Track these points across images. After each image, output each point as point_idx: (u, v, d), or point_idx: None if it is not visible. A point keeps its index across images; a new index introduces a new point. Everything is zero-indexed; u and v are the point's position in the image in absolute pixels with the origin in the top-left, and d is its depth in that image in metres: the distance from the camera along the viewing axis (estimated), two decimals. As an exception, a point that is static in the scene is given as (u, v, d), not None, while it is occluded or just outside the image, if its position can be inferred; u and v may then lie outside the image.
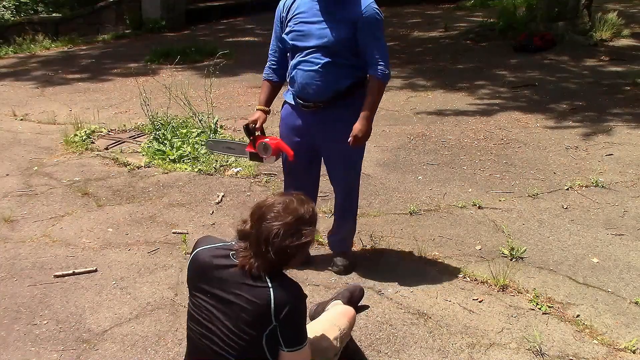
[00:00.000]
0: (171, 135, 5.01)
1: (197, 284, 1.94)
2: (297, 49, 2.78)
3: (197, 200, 4.08)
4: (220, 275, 1.88)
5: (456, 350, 2.55)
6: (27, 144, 5.28)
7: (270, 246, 1.79)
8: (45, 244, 3.52)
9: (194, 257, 1.97)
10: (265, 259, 1.81)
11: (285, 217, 1.81)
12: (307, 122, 2.88)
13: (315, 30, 2.72)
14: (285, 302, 1.82)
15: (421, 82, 7.19)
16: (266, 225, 1.81)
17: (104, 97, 6.93)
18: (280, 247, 1.80)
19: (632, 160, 4.62)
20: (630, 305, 2.86)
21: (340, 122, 2.81)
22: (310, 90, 2.77)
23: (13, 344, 2.63)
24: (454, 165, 4.63)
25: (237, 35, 10.90)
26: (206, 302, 1.90)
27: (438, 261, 3.25)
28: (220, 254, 1.92)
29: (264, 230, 1.81)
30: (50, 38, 10.55)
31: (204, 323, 1.91)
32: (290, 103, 2.92)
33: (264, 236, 1.80)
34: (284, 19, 2.84)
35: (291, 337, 1.87)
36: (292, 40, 2.78)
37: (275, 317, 1.81)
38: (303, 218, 1.84)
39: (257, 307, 1.82)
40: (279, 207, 1.84)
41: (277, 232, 1.79)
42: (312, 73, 2.75)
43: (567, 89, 6.69)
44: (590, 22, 8.97)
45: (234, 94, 6.91)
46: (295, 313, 1.86)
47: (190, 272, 1.98)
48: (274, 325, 1.83)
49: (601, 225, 3.64)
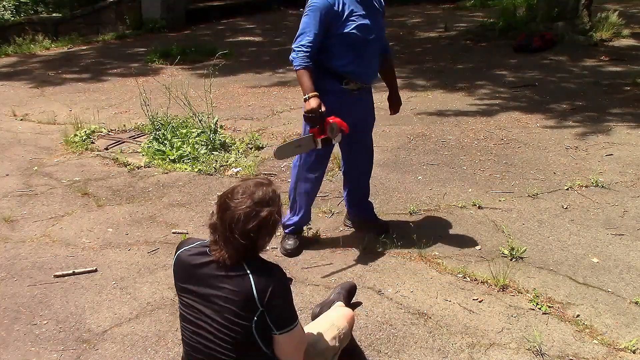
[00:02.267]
0: (171, 135, 5.01)
1: (182, 285, 1.96)
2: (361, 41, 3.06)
3: (197, 200, 4.08)
4: (200, 273, 1.90)
5: (456, 350, 2.55)
6: (27, 144, 5.28)
7: (234, 232, 1.82)
8: (45, 244, 3.52)
9: (175, 261, 2.00)
10: (234, 246, 1.83)
11: (244, 201, 1.84)
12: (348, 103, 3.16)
13: (373, 23, 3.10)
14: (266, 284, 1.83)
15: (421, 82, 7.19)
16: (228, 212, 1.84)
17: (104, 97, 6.93)
18: (243, 232, 1.82)
19: (632, 160, 4.62)
20: (630, 305, 2.86)
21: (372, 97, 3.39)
22: (372, 76, 3.24)
23: (13, 344, 2.64)
24: (454, 165, 4.63)
25: (237, 35, 10.90)
26: (193, 300, 1.92)
27: (438, 261, 3.25)
28: (197, 252, 1.94)
29: (226, 219, 1.84)
30: (50, 38, 10.56)
31: (194, 322, 1.92)
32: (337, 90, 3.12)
33: (227, 224, 1.83)
34: (337, 14, 3.02)
35: (280, 318, 1.88)
36: (358, 33, 3.05)
37: (260, 301, 1.82)
38: (263, 199, 1.86)
39: (241, 296, 1.83)
40: (238, 193, 1.87)
41: (239, 216, 1.82)
42: (374, 60, 3.20)
43: (567, 89, 6.69)
44: (590, 22, 8.97)
45: (234, 94, 6.91)
46: (279, 294, 1.87)
47: (175, 275, 2.00)
48: (261, 310, 1.84)
49: (601, 225, 3.64)
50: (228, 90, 7.06)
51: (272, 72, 7.96)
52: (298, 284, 3.03)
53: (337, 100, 3.09)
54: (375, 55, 3.19)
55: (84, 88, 7.38)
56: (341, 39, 3.04)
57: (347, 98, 3.15)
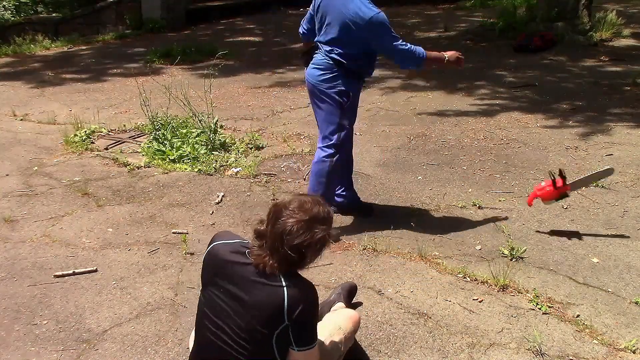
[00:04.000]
0: (171, 135, 5.01)
1: (212, 278, 1.94)
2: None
3: (197, 200, 4.08)
4: (235, 272, 1.89)
5: (456, 350, 2.55)
6: (27, 144, 5.28)
7: (285, 243, 1.81)
8: (45, 244, 3.52)
9: (210, 250, 1.98)
10: (280, 257, 1.83)
11: (299, 215, 1.84)
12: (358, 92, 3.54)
13: None
14: (298, 301, 1.83)
15: (421, 82, 7.19)
16: (281, 223, 1.83)
17: (104, 97, 6.93)
18: (294, 245, 1.81)
19: (632, 160, 4.62)
20: (630, 305, 2.86)
21: None
22: None
23: (13, 344, 2.63)
24: (454, 165, 4.63)
25: (237, 35, 10.89)
26: (218, 297, 1.90)
27: (438, 261, 3.25)
28: (236, 250, 1.93)
29: (278, 228, 1.83)
30: (50, 38, 10.55)
31: (214, 320, 1.91)
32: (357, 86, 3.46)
33: (279, 233, 1.82)
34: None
35: (303, 336, 1.88)
36: None
37: (288, 316, 1.82)
38: (317, 217, 1.86)
39: (271, 306, 1.82)
40: (294, 205, 1.87)
41: (291, 229, 1.81)
42: None
43: (567, 89, 6.69)
44: (590, 22, 8.97)
45: (234, 94, 6.91)
46: (308, 313, 1.87)
47: (206, 266, 1.98)
48: (286, 324, 1.83)
49: (601, 225, 3.64)
50: (228, 90, 7.06)
51: (272, 72, 7.96)
52: (298, 284, 3.03)
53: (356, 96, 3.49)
54: None
55: (84, 88, 7.38)
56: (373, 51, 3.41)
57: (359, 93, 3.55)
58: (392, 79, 7.32)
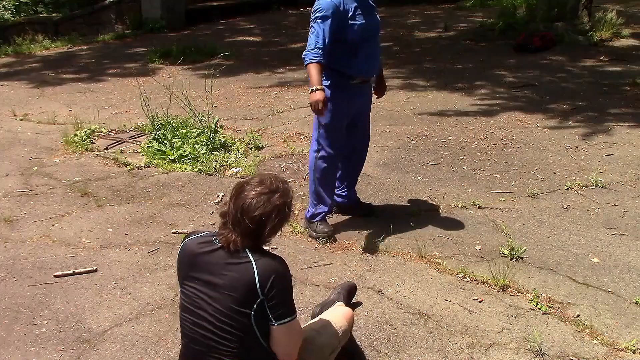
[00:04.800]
0: (171, 135, 5.01)
1: (186, 273, 1.97)
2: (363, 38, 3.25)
3: (197, 200, 4.08)
4: (206, 260, 1.93)
5: (456, 350, 2.55)
6: (27, 144, 5.28)
7: (245, 215, 1.87)
8: (45, 244, 3.52)
9: (181, 249, 2.03)
10: (242, 231, 1.88)
11: (258, 189, 1.91)
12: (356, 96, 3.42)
13: (372, 21, 3.30)
14: (269, 273, 1.86)
15: (421, 82, 7.19)
16: (241, 197, 1.90)
17: (104, 97, 6.93)
18: (254, 217, 1.87)
19: (632, 160, 4.62)
20: (630, 305, 2.86)
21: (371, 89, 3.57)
22: (375, 70, 3.45)
23: (13, 344, 2.63)
24: (454, 165, 4.63)
25: (237, 35, 10.89)
26: (196, 289, 1.93)
27: (438, 261, 3.25)
28: (204, 241, 1.98)
29: (239, 202, 1.90)
30: (50, 38, 10.55)
31: (194, 311, 1.93)
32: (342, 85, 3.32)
33: (239, 207, 1.89)
34: (343, 15, 3.19)
35: (279, 309, 1.89)
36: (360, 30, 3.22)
37: (261, 289, 1.85)
38: (276, 190, 1.92)
39: (243, 283, 1.85)
40: (254, 181, 1.95)
41: (250, 202, 1.88)
42: (377, 56, 3.40)
43: (567, 89, 6.69)
44: (590, 22, 8.97)
45: (234, 94, 6.91)
46: (280, 283, 1.89)
47: (180, 264, 2.02)
48: (261, 299, 1.85)
49: (601, 225, 3.64)
50: (228, 90, 7.06)
51: (272, 72, 7.96)
52: (298, 284, 3.03)
53: (341, 93, 3.33)
54: (377, 50, 3.39)
55: (84, 88, 7.38)
56: (346, 39, 3.22)
57: (351, 91, 3.37)
58: (392, 78, 7.31)
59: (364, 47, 3.28)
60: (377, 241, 3.43)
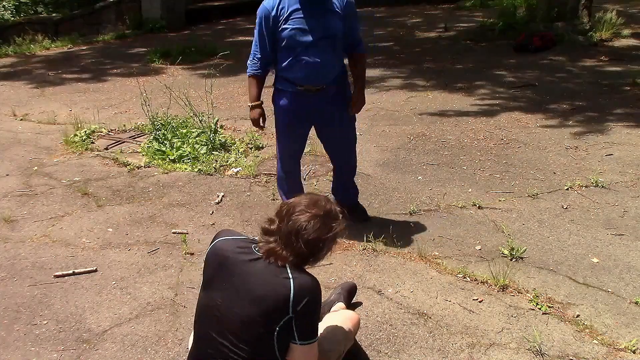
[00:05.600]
0: (171, 135, 5.01)
1: (215, 274, 1.94)
2: (299, 43, 3.05)
3: (197, 200, 4.08)
4: (240, 266, 1.90)
5: (456, 350, 2.55)
6: (27, 144, 5.28)
7: (300, 238, 1.84)
8: (45, 244, 3.52)
9: (214, 247, 1.98)
10: (295, 251, 1.85)
11: (314, 211, 1.88)
12: (310, 104, 3.22)
13: (315, 24, 3.04)
14: (304, 293, 1.84)
15: (421, 82, 7.19)
16: (295, 218, 1.86)
17: (104, 97, 6.93)
18: (310, 239, 1.85)
19: (632, 160, 4.62)
20: (630, 305, 2.86)
21: (341, 98, 3.28)
22: (321, 78, 3.15)
23: (13, 344, 2.64)
24: (454, 165, 4.63)
25: (237, 36, 10.89)
26: (220, 293, 1.90)
27: (438, 261, 3.25)
28: (242, 246, 1.94)
29: (293, 224, 1.86)
30: (50, 38, 10.55)
31: (214, 315, 1.91)
32: (291, 91, 3.20)
33: (295, 229, 1.85)
34: (276, 20, 3.06)
35: (305, 329, 1.88)
36: (294, 36, 3.05)
37: (293, 308, 1.83)
38: (330, 213, 1.91)
39: (276, 297, 1.83)
40: (307, 202, 1.91)
41: (307, 224, 1.85)
42: (324, 62, 3.09)
43: (567, 89, 6.69)
44: (590, 22, 8.96)
45: (234, 94, 6.91)
46: (313, 306, 1.88)
47: (208, 262, 1.99)
48: (290, 316, 1.84)
49: (601, 225, 3.64)
50: (228, 90, 7.07)
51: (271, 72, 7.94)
52: (298, 284, 3.03)
53: (293, 101, 3.22)
54: (322, 56, 3.09)
55: (84, 88, 7.38)
56: (281, 44, 3.10)
57: (307, 98, 3.20)
58: (392, 78, 7.32)
59: (304, 53, 3.06)
60: (377, 241, 3.43)
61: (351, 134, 3.48)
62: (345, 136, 3.44)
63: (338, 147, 3.50)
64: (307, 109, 3.24)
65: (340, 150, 3.51)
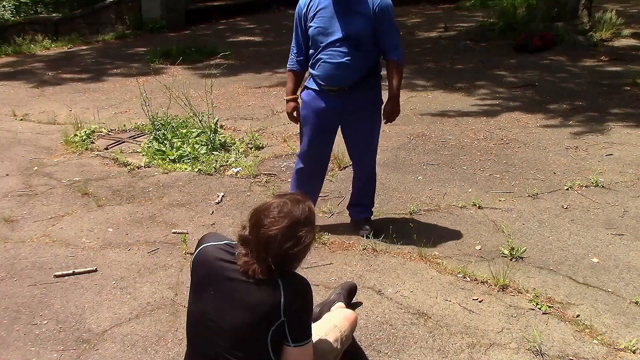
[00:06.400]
0: (171, 135, 5.01)
1: (202, 279, 1.93)
2: (320, 42, 3.11)
3: (197, 200, 4.08)
4: (227, 272, 1.88)
5: (456, 350, 2.55)
6: (27, 144, 5.28)
7: (270, 253, 1.79)
8: (45, 244, 3.52)
9: (198, 254, 1.96)
10: (267, 265, 1.81)
11: (280, 221, 1.80)
12: (329, 104, 3.22)
13: (339, 25, 3.06)
14: (294, 296, 1.83)
15: (421, 82, 7.19)
16: (263, 232, 1.80)
17: (104, 97, 6.93)
18: (279, 253, 1.80)
19: (632, 160, 4.62)
20: (630, 305, 2.86)
21: (364, 102, 3.24)
22: (338, 80, 3.14)
23: (13, 344, 2.64)
24: (454, 165, 4.63)
25: (237, 35, 10.90)
26: (210, 298, 1.89)
27: (438, 261, 3.25)
28: (226, 251, 1.92)
29: (261, 237, 1.80)
30: (50, 38, 10.56)
31: (205, 320, 1.90)
32: (314, 89, 3.24)
33: (262, 243, 1.80)
34: (305, 16, 3.16)
35: (298, 331, 1.87)
36: (316, 35, 3.11)
37: (285, 311, 1.81)
38: (299, 221, 1.83)
39: (266, 302, 1.82)
40: (275, 211, 1.82)
41: (274, 238, 1.79)
42: (343, 63, 3.09)
43: (567, 89, 6.69)
44: (590, 22, 8.96)
45: (234, 94, 6.91)
46: (304, 308, 1.87)
47: (195, 268, 1.97)
48: (282, 320, 1.83)
49: (601, 225, 3.64)
50: (228, 90, 7.07)
51: (272, 72, 7.96)
52: (298, 284, 3.03)
53: (315, 97, 3.24)
54: (340, 57, 3.08)
55: (84, 88, 7.38)
56: (310, 41, 3.19)
57: (327, 98, 3.21)
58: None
59: (323, 52, 3.10)
60: (377, 241, 3.43)
61: (370, 140, 3.40)
62: (363, 142, 3.38)
63: (355, 152, 3.45)
64: (325, 108, 3.23)
65: (356, 154, 3.46)
